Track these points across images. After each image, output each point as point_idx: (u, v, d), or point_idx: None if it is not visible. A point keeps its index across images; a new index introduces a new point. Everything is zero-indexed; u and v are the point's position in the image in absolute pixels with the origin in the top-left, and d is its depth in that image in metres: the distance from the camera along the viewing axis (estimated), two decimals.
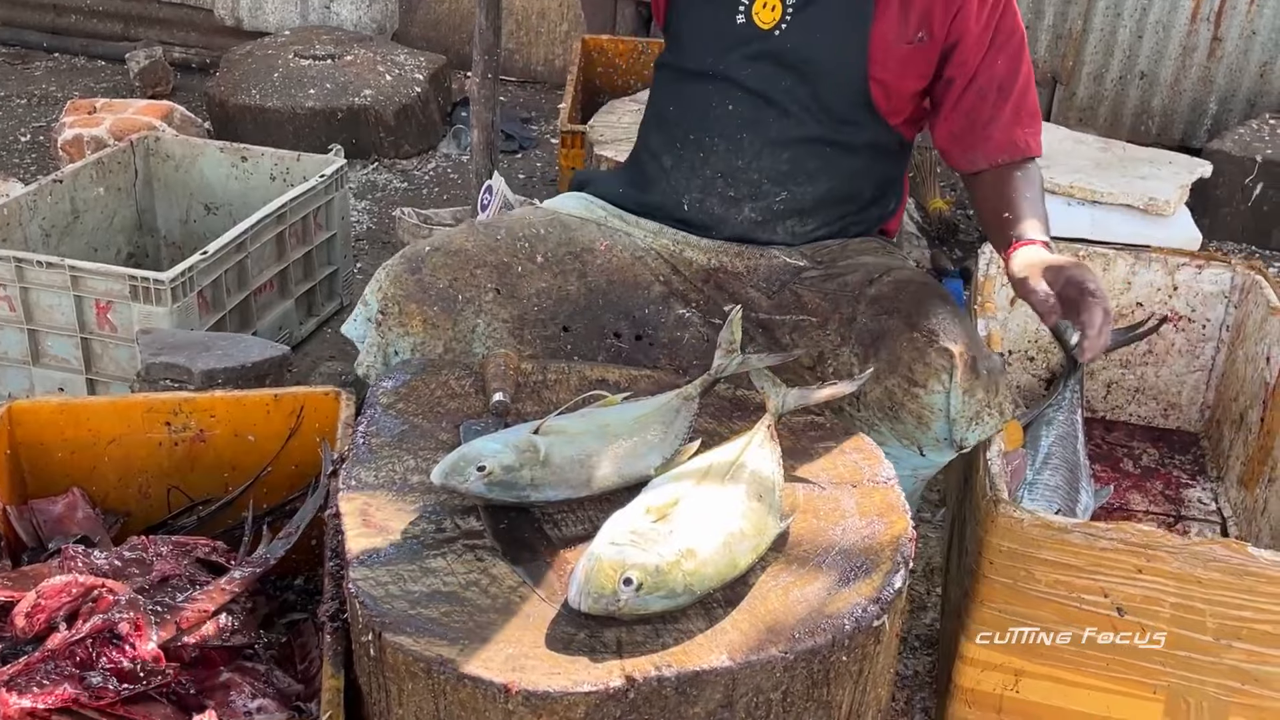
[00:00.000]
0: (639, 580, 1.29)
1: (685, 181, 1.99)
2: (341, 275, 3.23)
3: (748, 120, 1.92)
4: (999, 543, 1.70)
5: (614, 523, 1.38)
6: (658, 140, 2.05)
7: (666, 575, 1.30)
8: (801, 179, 1.95)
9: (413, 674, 1.29)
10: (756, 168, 1.94)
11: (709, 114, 1.95)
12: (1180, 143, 4.52)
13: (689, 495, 1.41)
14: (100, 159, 3.08)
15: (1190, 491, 2.51)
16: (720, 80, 1.93)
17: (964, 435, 1.80)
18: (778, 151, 1.93)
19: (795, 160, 1.94)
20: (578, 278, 1.94)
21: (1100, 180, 3.04)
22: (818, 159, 1.95)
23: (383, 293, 1.86)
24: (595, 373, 1.80)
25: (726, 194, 1.97)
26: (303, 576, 1.98)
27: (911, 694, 2.01)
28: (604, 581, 1.29)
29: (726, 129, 1.94)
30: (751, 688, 1.30)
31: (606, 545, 1.33)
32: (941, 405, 1.76)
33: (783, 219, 1.98)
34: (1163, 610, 1.66)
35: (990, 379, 1.81)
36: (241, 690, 1.57)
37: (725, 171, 1.96)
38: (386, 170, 4.33)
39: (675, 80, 2.02)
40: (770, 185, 1.95)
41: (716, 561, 1.34)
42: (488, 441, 1.50)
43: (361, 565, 1.41)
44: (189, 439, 1.93)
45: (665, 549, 1.32)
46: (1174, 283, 2.60)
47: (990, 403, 1.80)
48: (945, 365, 1.75)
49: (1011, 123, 1.93)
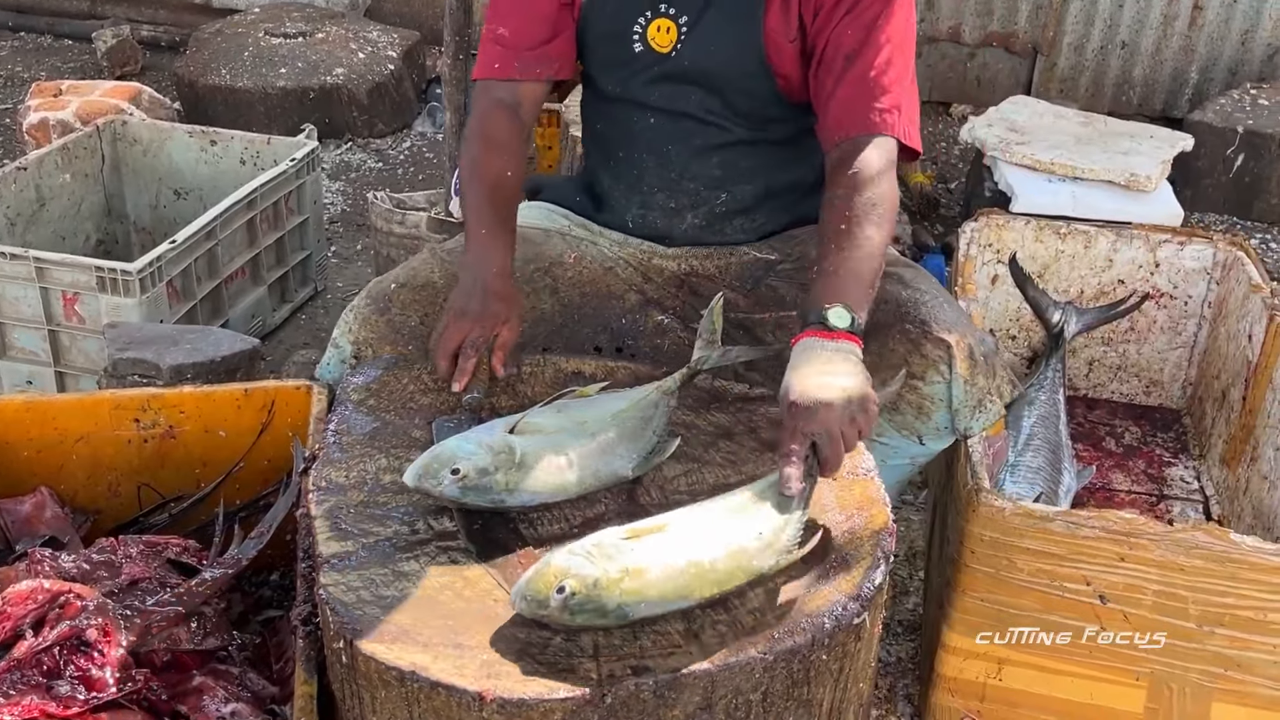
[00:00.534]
0: (572, 590, 1.26)
1: (625, 199, 1.96)
2: (315, 260, 3.18)
3: (669, 135, 1.88)
4: (980, 532, 1.69)
5: (595, 534, 1.35)
6: (595, 158, 2.03)
7: (602, 590, 1.27)
8: (737, 179, 1.91)
9: (385, 682, 1.27)
10: (690, 176, 1.90)
11: (632, 131, 1.91)
12: (1161, 113, 4.49)
13: (676, 522, 1.37)
14: (66, 145, 3.02)
15: (1173, 470, 2.50)
16: (633, 103, 1.89)
17: (968, 424, 1.79)
18: (706, 158, 1.89)
19: (726, 164, 1.89)
20: (550, 294, 1.90)
21: (1081, 156, 3.01)
22: (748, 158, 1.90)
23: (353, 336, 1.83)
24: (571, 365, 1.76)
25: (667, 205, 1.93)
26: (279, 572, 1.95)
27: (894, 681, 2.00)
28: (541, 585, 1.27)
29: (652, 145, 1.90)
30: (731, 689, 1.28)
31: (564, 551, 1.30)
32: (943, 395, 1.75)
33: (728, 219, 1.94)
34: (1145, 598, 1.65)
35: (988, 363, 1.79)
36: (214, 694, 1.54)
37: (660, 185, 1.92)
38: (360, 150, 4.27)
39: (597, 100, 1.98)
40: (707, 191, 1.92)
41: (662, 587, 1.30)
42: (462, 442, 1.47)
43: (332, 570, 1.38)
44: (158, 435, 1.89)
45: (613, 565, 1.29)
46: (1156, 259, 2.58)
47: (991, 388, 1.79)
48: (942, 356, 1.73)
49: (850, 95, 1.71)
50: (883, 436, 1.81)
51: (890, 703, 1.96)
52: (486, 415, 1.64)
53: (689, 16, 1.80)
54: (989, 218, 2.61)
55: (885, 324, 1.76)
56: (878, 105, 1.71)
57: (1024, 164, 3.03)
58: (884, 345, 1.75)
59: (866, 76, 1.71)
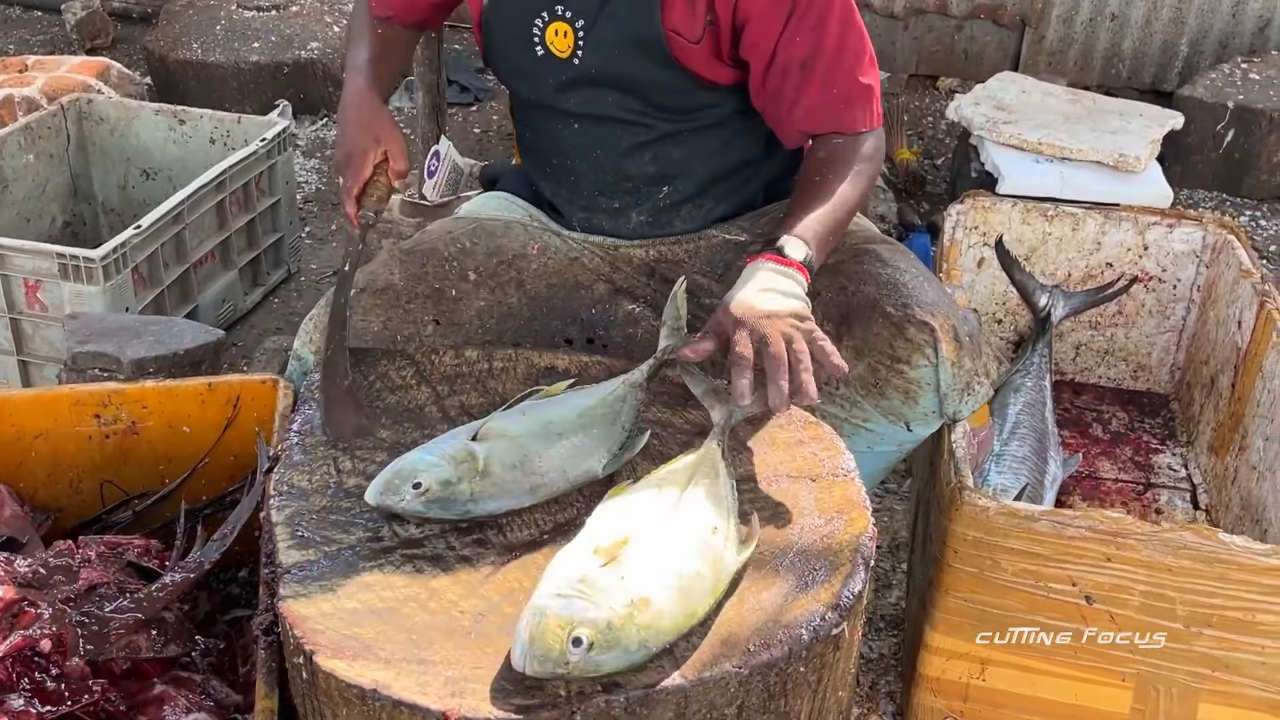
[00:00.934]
0: (590, 639, 1.18)
1: (568, 204, 1.90)
2: (288, 242, 3.12)
3: (594, 139, 1.81)
4: (964, 532, 1.65)
5: (559, 566, 1.28)
6: (530, 164, 1.96)
7: (619, 631, 1.20)
8: (674, 172, 1.83)
9: (347, 699, 1.22)
10: (625, 176, 1.83)
11: (558, 140, 1.84)
12: (1151, 86, 4.44)
13: (639, 532, 1.31)
14: (29, 124, 2.94)
15: (1160, 457, 2.47)
16: (550, 110, 1.82)
17: (956, 408, 1.75)
18: (637, 156, 1.82)
19: (658, 158, 1.82)
20: (515, 288, 1.84)
21: (1069, 136, 2.96)
22: (680, 148, 1.82)
23: (314, 345, 1.77)
24: (544, 360, 1.71)
25: (610, 206, 1.87)
26: (247, 568, 1.90)
27: (876, 678, 1.96)
28: (550, 641, 1.18)
29: (580, 151, 1.83)
30: (705, 704, 1.24)
31: (552, 598, 1.22)
32: (930, 379, 1.70)
33: (674, 211, 1.87)
34: (1132, 598, 1.62)
35: (973, 344, 1.75)
36: (175, 704, 1.50)
37: (598, 189, 1.86)
38: (336, 126, 4.18)
39: (520, 108, 1.92)
40: (647, 187, 1.85)
41: (673, 613, 1.24)
42: (423, 454, 1.41)
43: (293, 581, 1.33)
44: (120, 431, 1.84)
45: (616, 600, 1.22)
46: (1144, 242, 2.54)
47: (977, 369, 1.75)
48: (927, 339, 1.68)
49: (819, 101, 1.69)
50: (869, 422, 1.77)
51: (872, 701, 1.92)
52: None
53: (585, 20, 1.71)
54: (975, 200, 2.56)
55: (866, 306, 1.72)
56: (849, 107, 1.70)
57: (1011, 144, 2.97)
58: (867, 329, 1.71)
59: (830, 80, 1.68)
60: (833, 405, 1.76)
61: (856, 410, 1.74)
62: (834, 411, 1.77)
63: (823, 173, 1.67)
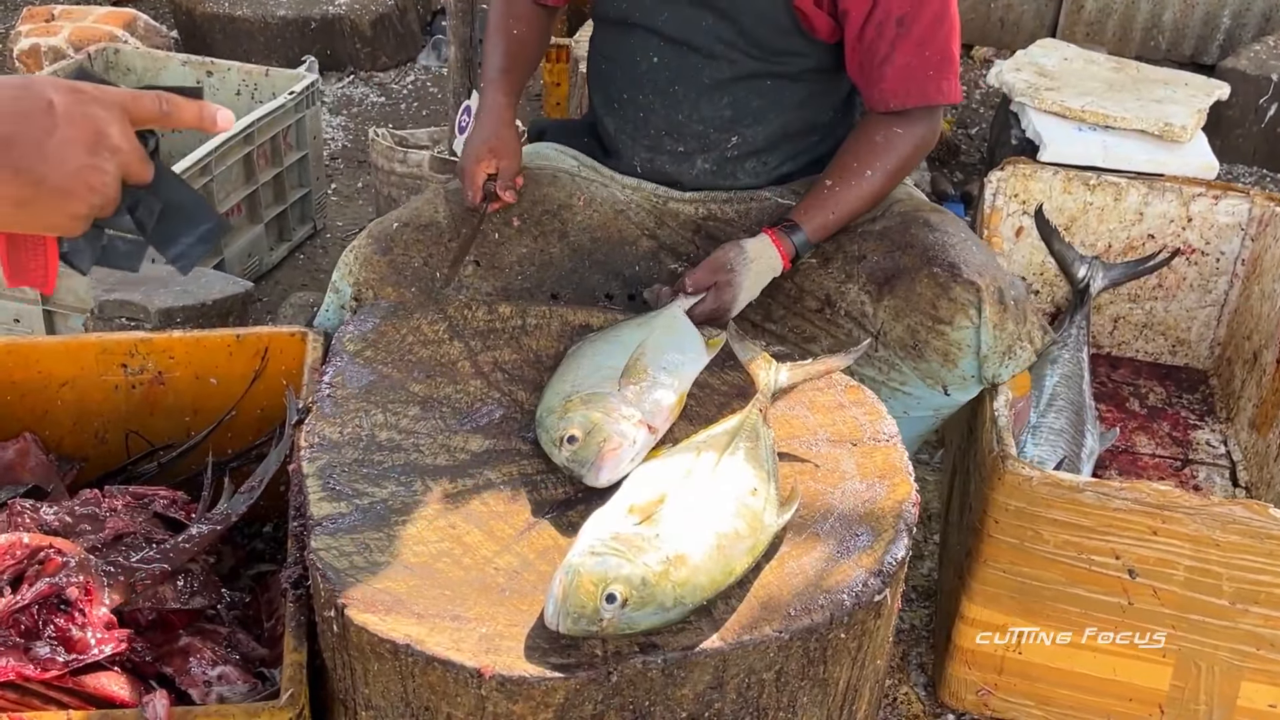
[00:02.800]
0: (623, 595, 1.16)
1: (631, 143, 1.86)
2: (314, 197, 3.08)
3: (676, 71, 1.77)
4: (1005, 501, 1.61)
5: (594, 524, 1.26)
6: (599, 100, 1.92)
7: (654, 588, 1.17)
8: (748, 120, 1.81)
9: (379, 654, 1.20)
10: (698, 118, 1.80)
11: (636, 70, 1.80)
12: (1190, 59, 4.35)
13: (676, 491, 1.28)
14: (55, 73, 2.90)
15: (1198, 433, 2.42)
16: (640, 30, 1.77)
17: (997, 371, 1.72)
18: (716, 98, 1.78)
19: (736, 103, 1.79)
20: (559, 239, 1.81)
21: (1113, 104, 2.89)
22: (760, 96, 1.79)
23: (354, 277, 1.75)
24: (578, 317, 1.68)
25: (676, 150, 1.83)
26: (272, 524, 1.88)
27: (907, 649, 1.93)
28: (584, 599, 1.16)
29: (658, 84, 1.79)
30: (743, 668, 1.21)
31: (586, 555, 1.19)
32: (971, 341, 1.67)
33: (740, 163, 1.84)
34: (1176, 573, 1.58)
35: (1018, 308, 1.72)
36: (201, 656, 1.48)
37: (668, 128, 1.82)
38: (363, 84, 4.14)
39: (603, 33, 1.88)
40: (717, 134, 1.81)
41: (710, 569, 1.22)
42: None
43: (324, 533, 1.30)
44: (147, 381, 1.81)
45: (651, 557, 1.19)
46: (1188, 214, 2.48)
47: (1021, 334, 1.72)
48: (971, 300, 1.65)
49: (911, 64, 1.71)
50: (906, 385, 1.74)
51: (903, 672, 1.89)
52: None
53: None
54: (1015, 167, 2.50)
55: (912, 268, 1.70)
56: (939, 76, 1.72)
57: (1053, 111, 2.91)
58: (910, 289, 1.68)
59: (925, 42, 1.69)
60: (870, 368, 1.73)
61: (894, 373, 1.71)
62: (871, 374, 1.73)
63: (863, 159, 1.75)
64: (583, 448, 1.37)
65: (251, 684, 1.46)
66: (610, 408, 1.41)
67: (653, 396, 1.45)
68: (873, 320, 1.72)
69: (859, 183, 1.75)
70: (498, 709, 1.16)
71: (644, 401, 1.44)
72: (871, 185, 1.76)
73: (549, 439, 1.41)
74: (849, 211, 1.76)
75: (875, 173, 1.75)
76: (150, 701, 1.28)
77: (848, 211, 1.76)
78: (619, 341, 1.55)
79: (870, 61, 1.72)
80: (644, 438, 1.41)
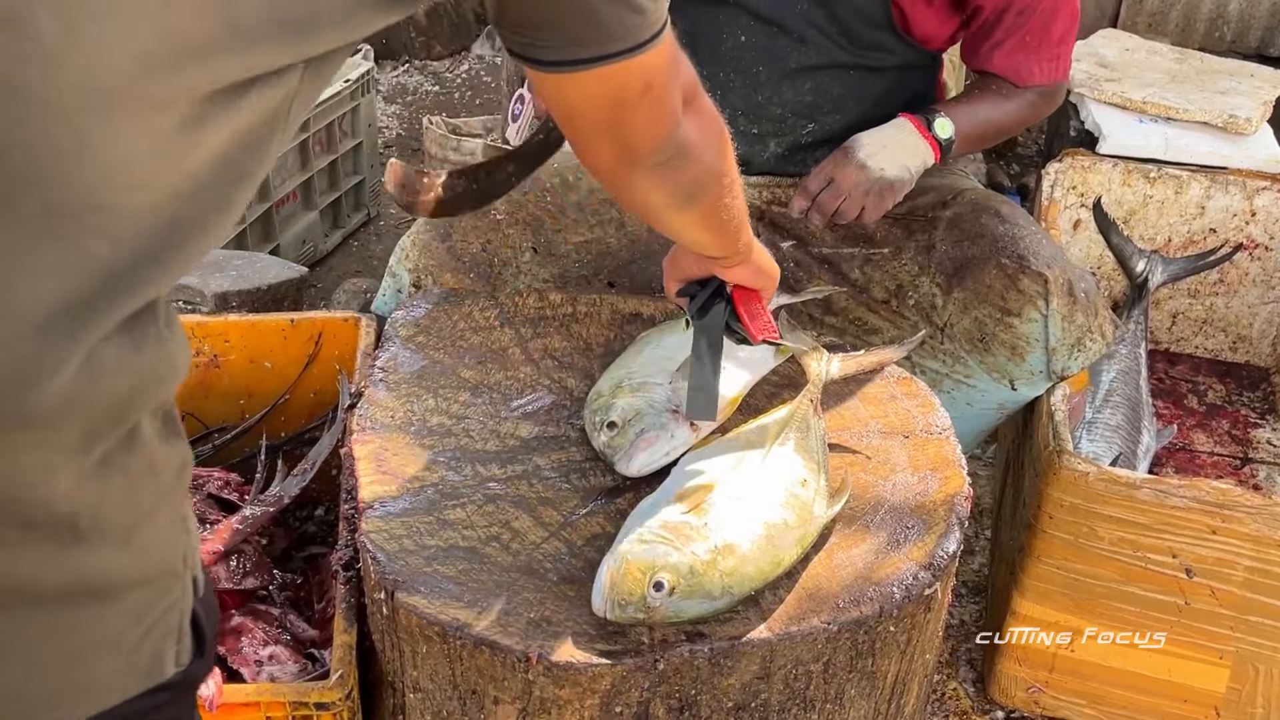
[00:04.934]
0: (671, 584, 1.16)
1: None
2: (368, 185, 3.10)
3: (762, 51, 1.75)
4: (1060, 497, 1.59)
5: (642, 512, 1.26)
6: None
7: (702, 577, 1.17)
8: (828, 109, 1.79)
9: (427, 637, 1.20)
10: (778, 101, 1.78)
11: (720, 46, 1.77)
12: (1257, 51, 4.25)
13: (725, 480, 1.27)
14: None
15: (1259, 432, 2.37)
16: (730, 6, 1.75)
17: (1066, 364, 1.70)
18: (798, 82, 1.76)
19: (818, 90, 1.77)
20: (616, 228, 1.81)
21: (1176, 95, 2.83)
22: (842, 86, 1.78)
23: (413, 264, 1.75)
24: (629, 306, 1.67)
25: (750, 131, 1.81)
26: (324, 506, 1.90)
27: (956, 645, 1.91)
28: (632, 586, 1.16)
29: (741, 62, 1.77)
30: (791, 659, 1.21)
31: (634, 543, 1.19)
32: (1039, 334, 1.65)
33: (812, 150, 1.81)
34: (1236, 574, 1.55)
35: (1089, 301, 1.70)
36: (253, 636, 1.50)
37: (745, 108, 1.79)
38: (418, 72, 4.16)
39: (684, 6, 1.84)
40: (794, 119, 1.79)
41: (758, 559, 1.21)
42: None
43: (374, 516, 1.31)
44: (203, 364, 1.84)
45: (699, 546, 1.19)
46: (1252, 208, 2.43)
47: (1091, 326, 1.70)
48: (1040, 291, 1.64)
49: (1031, 50, 1.75)
50: (970, 379, 1.72)
51: (951, 667, 1.87)
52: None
53: None
54: (1074, 159, 2.47)
55: (981, 258, 1.68)
56: (1053, 64, 1.76)
57: (1114, 103, 2.85)
58: (979, 281, 1.67)
59: (1043, 32, 1.73)
60: (934, 360, 1.71)
61: (959, 366, 1.69)
62: (935, 366, 1.72)
63: (990, 92, 1.78)
64: (620, 435, 1.37)
65: (301, 664, 1.48)
66: (656, 399, 1.41)
67: None
68: (941, 313, 1.71)
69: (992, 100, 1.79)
70: (544, 694, 1.16)
71: None
72: (999, 111, 1.79)
73: (592, 422, 1.41)
74: (985, 119, 1.78)
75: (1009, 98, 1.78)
76: None
77: (984, 118, 1.78)
78: (687, 334, 1.54)
79: (981, 44, 1.78)
80: (684, 434, 1.40)
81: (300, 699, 1.29)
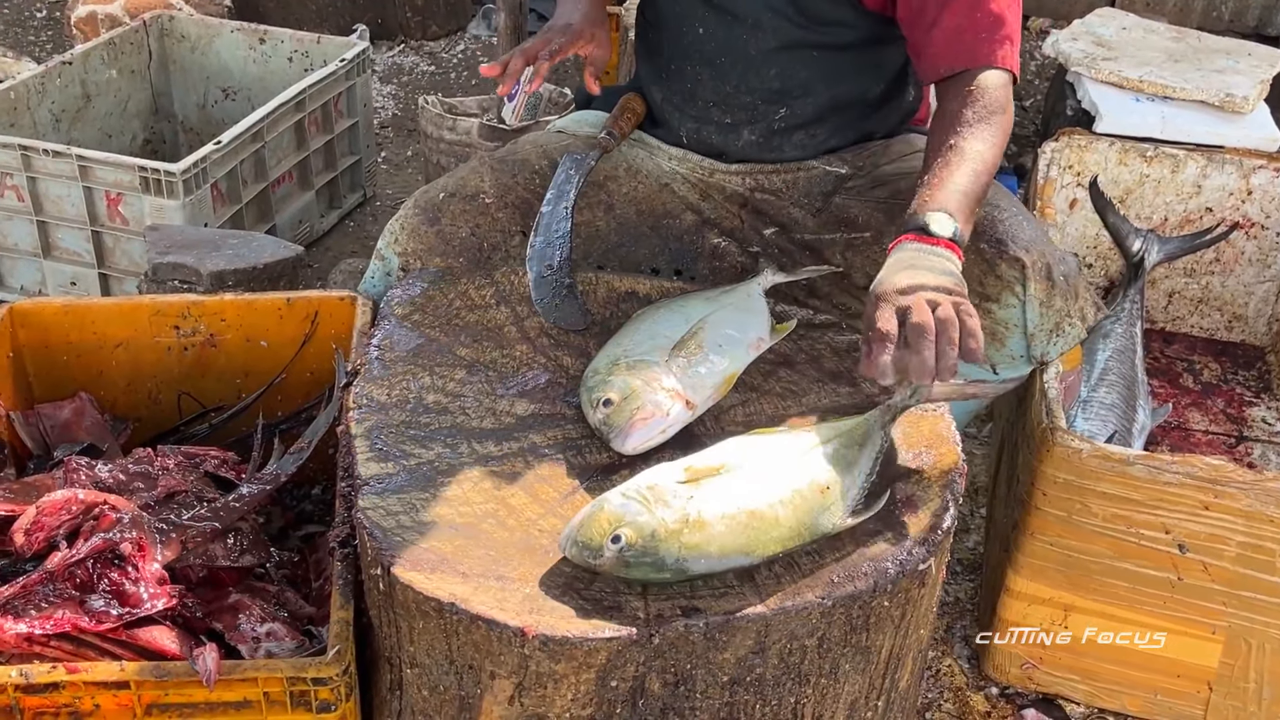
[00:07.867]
0: (629, 540, 1.19)
1: (678, 114, 1.83)
2: (364, 165, 3.10)
3: (722, 41, 1.74)
4: (1054, 473, 1.59)
5: (647, 472, 1.27)
6: (646, 70, 1.90)
7: (661, 543, 1.19)
8: (797, 92, 1.76)
9: (424, 612, 1.21)
10: (746, 89, 1.76)
11: (682, 40, 1.77)
12: (1255, 30, 4.24)
13: (739, 466, 1.28)
14: (112, 40, 2.94)
15: (1254, 410, 2.38)
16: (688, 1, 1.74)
17: (1044, 349, 1.69)
18: (762, 69, 1.74)
19: (784, 74, 1.75)
20: (605, 211, 1.80)
21: (1172, 74, 2.82)
22: (807, 68, 1.74)
23: (401, 247, 1.75)
24: (624, 284, 1.68)
25: (723, 121, 1.80)
26: (320, 486, 1.91)
27: (952, 621, 1.92)
28: (594, 532, 1.20)
29: (705, 54, 1.76)
30: (785, 634, 1.22)
31: (616, 494, 1.23)
32: (1017, 320, 1.65)
33: (787, 135, 1.80)
34: (1228, 549, 1.56)
35: (1068, 285, 1.68)
36: (250, 613, 1.50)
37: (715, 100, 1.78)
38: (413, 53, 4.15)
39: (649, 2, 1.84)
40: (765, 105, 1.77)
41: (724, 542, 1.22)
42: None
43: (371, 493, 1.32)
44: (199, 344, 1.84)
45: (670, 514, 1.20)
46: (1248, 186, 2.43)
47: (1070, 310, 1.69)
48: (1017, 276, 1.63)
49: (960, 24, 1.58)
50: None
51: (947, 644, 1.88)
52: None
53: None
54: (1070, 138, 2.46)
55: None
56: (992, 37, 1.57)
57: (1110, 81, 2.84)
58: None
59: (977, 8, 1.56)
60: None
61: None
62: None
63: (956, 130, 1.52)
64: (616, 412, 1.38)
65: (299, 641, 1.48)
66: (652, 377, 1.41)
67: (698, 371, 1.45)
68: None
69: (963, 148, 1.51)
70: (540, 668, 1.17)
71: (688, 375, 1.44)
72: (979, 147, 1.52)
73: (588, 399, 1.42)
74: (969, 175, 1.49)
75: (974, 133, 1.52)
76: (200, 654, 1.31)
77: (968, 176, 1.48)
78: (683, 312, 1.55)
79: (920, 24, 1.63)
80: (679, 411, 1.40)
81: (297, 674, 1.29)
